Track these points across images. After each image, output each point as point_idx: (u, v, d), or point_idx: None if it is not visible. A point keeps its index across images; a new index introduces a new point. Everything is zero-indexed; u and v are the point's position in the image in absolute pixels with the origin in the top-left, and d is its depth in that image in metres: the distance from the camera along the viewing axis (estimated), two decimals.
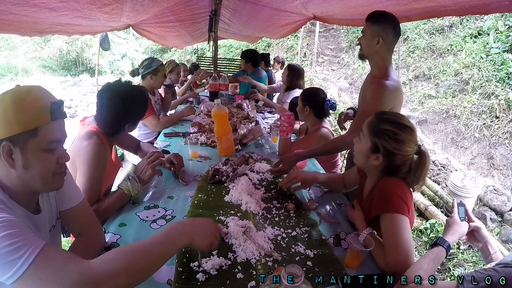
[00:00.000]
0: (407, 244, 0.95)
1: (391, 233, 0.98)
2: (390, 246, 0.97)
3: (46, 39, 14.58)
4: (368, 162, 1.11)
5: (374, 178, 1.16)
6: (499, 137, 4.39)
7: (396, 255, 0.94)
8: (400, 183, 1.06)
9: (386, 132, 1.05)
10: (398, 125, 1.05)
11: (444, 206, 3.48)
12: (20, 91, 0.73)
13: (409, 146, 1.04)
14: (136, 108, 1.37)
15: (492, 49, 5.27)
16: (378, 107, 1.52)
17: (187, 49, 12.93)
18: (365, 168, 1.18)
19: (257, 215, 1.25)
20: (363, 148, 1.12)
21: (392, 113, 1.12)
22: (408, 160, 1.06)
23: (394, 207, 1.00)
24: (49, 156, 0.76)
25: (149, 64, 2.33)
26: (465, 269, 2.66)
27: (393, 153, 1.05)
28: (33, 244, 0.64)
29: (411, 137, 1.04)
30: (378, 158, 1.07)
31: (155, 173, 1.35)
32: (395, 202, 1.01)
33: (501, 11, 1.59)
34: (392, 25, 1.52)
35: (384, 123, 1.06)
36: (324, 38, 10.04)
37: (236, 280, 0.91)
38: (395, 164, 1.07)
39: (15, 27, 1.74)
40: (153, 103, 2.45)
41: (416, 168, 1.06)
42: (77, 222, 0.97)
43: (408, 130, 1.05)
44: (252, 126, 2.19)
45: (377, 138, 1.06)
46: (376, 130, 1.07)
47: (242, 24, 4.91)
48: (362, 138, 1.13)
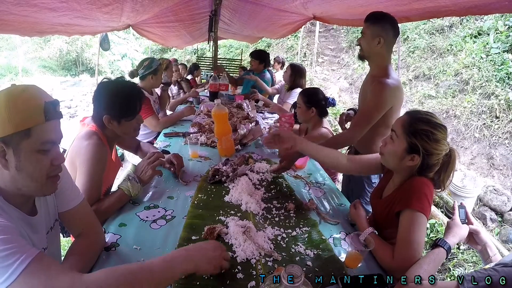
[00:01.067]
0: (419, 243, 0.95)
1: (409, 229, 0.98)
2: (403, 241, 0.97)
3: (46, 39, 14.59)
4: (402, 163, 1.09)
5: (402, 178, 1.13)
6: (499, 137, 4.39)
7: (406, 253, 0.95)
8: (430, 184, 1.06)
9: (424, 133, 1.03)
10: (434, 124, 1.04)
11: (444, 206, 3.48)
12: (14, 91, 0.70)
13: (444, 145, 1.04)
14: (130, 104, 1.32)
15: (492, 49, 5.27)
16: (379, 105, 1.53)
17: (187, 49, 12.94)
18: (396, 168, 1.15)
19: (257, 215, 1.25)
20: (398, 149, 1.08)
21: (424, 112, 1.10)
22: (440, 159, 1.06)
23: (420, 206, 1.00)
24: (43, 157, 0.74)
25: (150, 64, 2.35)
26: (465, 269, 2.66)
27: (431, 153, 1.04)
28: (25, 252, 0.62)
29: (445, 135, 1.05)
30: (414, 159, 1.05)
31: (155, 174, 1.34)
32: (423, 201, 1.01)
33: (501, 11, 1.60)
34: (391, 25, 1.53)
35: (420, 123, 1.05)
36: (324, 38, 10.04)
37: (236, 280, 0.91)
38: (430, 163, 1.06)
39: (15, 27, 1.74)
40: (152, 102, 2.45)
41: (447, 165, 1.06)
42: (77, 223, 0.97)
43: (443, 129, 1.05)
44: (252, 126, 2.19)
45: (415, 138, 1.04)
46: (413, 130, 1.05)
47: (242, 24, 4.92)
48: (395, 139, 1.09)
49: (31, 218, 0.81)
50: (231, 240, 1.06)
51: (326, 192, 1.52)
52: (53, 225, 0.91)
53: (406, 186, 1.08)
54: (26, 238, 0.77)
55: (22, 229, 0.76)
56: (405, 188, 1.07)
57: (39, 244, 0.83)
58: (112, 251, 0.99)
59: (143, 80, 2.40)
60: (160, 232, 1.11)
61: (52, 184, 0.79)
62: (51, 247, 0.90)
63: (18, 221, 0.75)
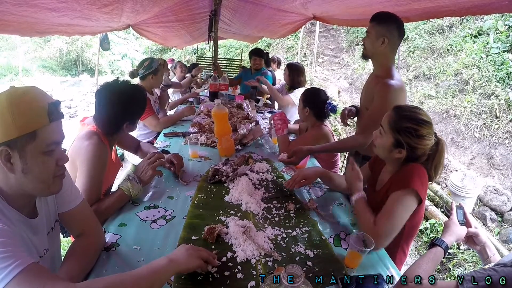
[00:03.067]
0: (400, 219, 1.05)
1: (394, 203, 1.06)
2: (387, 212, 1.06)
3: (46, 39, 14.57)
4: (391, 155, 1.17)
5: (394, 167, 1.22)
6: (499, 137, 4.39)
7: (387, 220, 1.04)
8: (421, 168, 1.13)
9: (408, 130, 1.10)
10: (417, 121, 1.10)
11: (444, 206, 3.48)
12: (15, 93, 0.70)
13: (428, 140, 1.11)
14: (134, 107, 1.35)
15: (492, 49, 5.27)
16: (385, 106, 1.53)
17: (187, 49, 12.93)
18: (387, 159, 1.23)
19: (257, 215, 1.25)
20: (385, 144, 1.16)
21: (410, 108, 1.15)
22: (427, 150, 1.13)
23: (411, 183, 1.06)
24: (49, 158, 0.74)
25: (150, 64, 2.36)
26: (465, 269, 2.66)
27: (416, 147, 1.11)
28: (20, 258, 0.62)
29: (430, 130, 1.11)
30: (401, 152, 1.13)
31: (156, 174, 1.35)
32: (414, 179, 1.08)
33: (501, 11, 1.59)
34: (397, 26, 1.54)
35: (404, 120, 1.11)
36: (324, 38, 10.04)
37: (236, 280, 0.91)
38: (416, 155, 1.13)
39: (15, 28, 1.74)
40: (152, 102, 2.46)
41: (434, 155, 1.14)
42: (77, 223, 0.97)
43: (427, 124, 1.10)
44: (252, 126, 2.19)
45: (400, 135, 1.11)
46: (398, 127, 1.12)
47: (242, 24, 4.92)
48: (383, 134, 1.18)
49: (32, 221, 0.81)
50: (231, 240, 1.07)
51: (326, 192, 1.52)
52: (53, 225, 0.92)
53: (400, 172, 1.15)
54: (27, 240, 0.78)
55: (23, 231, 0.77)
56: (399, 174, 1.15)
57: (40, 245, 0.83)
58: (112, 251, 1.00)
59: (143, 80, 2.41)
60: (160, 232, 1.11)
61: (58, 182, 0.80)
62: (52, 247, 0.90)
63: (19, 224, 0.76)
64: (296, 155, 1.62)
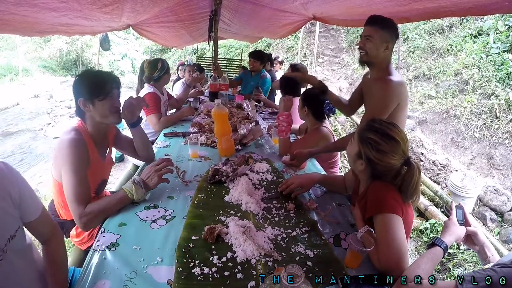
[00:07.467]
0: (399, 243, 0.95)
1: (383, 233, 0.98)
2: (382, 246, 0.97)
3: (46, 39, 14.58)
4: (355, 166, 1.16)
5: (364, 182, 1.19)
6: (499, 137, 4.39)
7: (388, 254, 0.95)
8: (390, 187, 1.07)
9: (369, 141, 1.08)
10: (383, 135, 1.06)
11: (444, 206, 3.48)
12: None
13: (392, 158, 1.05)
14: (100, 83, 1.30)
15: (492, 49, 5.27)
16: (386, 103, 1.53)
17: (187, 49, 12.92)
18: (355, 169, 1.21)
19: (257, 215, 1.25)
20: (351, 152, 1.17)
21: (384, 122, 1.12)
22: (393, 170, 1.07)
23: (387, 208, 1.01)
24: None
25: (162, 65, 2.44)
26: (465, 269, 2.66)
27: (375, 163, 1.07)
28: None
29: (394, 149, 1.05)
30: (363, 164, 1.12)
31: (162, 182, 1.33)
32: (388, 203, 1.02)
33: (501, 11, 1.59)
34: (396, 30, 1.56)
35: (370, 132, 1.09)
36: (324, 38, 10.04)
37: (236, 280, 0.91)
38: (378, 171, 1.09)
39: (16, 27, 1.74)
40: (162, 103, 2.50)
41: (403, 179, 1.06)
42: (41, 232, 0.98)
43: (392, 141, 1.05)
44: (252, 126, 2.19)
45: (362, 145, 1.10)
46: (363, 137, 1.10)
47: (242, 24, 4.91)
48: (352, 142, 1.17)
49: None
50: (231, 240, 1.07)
51: (326, 192, 1.52)
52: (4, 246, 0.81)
53: (370, 191, 1.09)
54: None
55: None
56: (369, 193, 1.09)
57: None
58: (112, 251, 1.00)
59: (157, 82, 2.45)
60: (160, 232, 1.11)
61: None
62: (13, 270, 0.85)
63: None
64: (297, 158, 1.63)
